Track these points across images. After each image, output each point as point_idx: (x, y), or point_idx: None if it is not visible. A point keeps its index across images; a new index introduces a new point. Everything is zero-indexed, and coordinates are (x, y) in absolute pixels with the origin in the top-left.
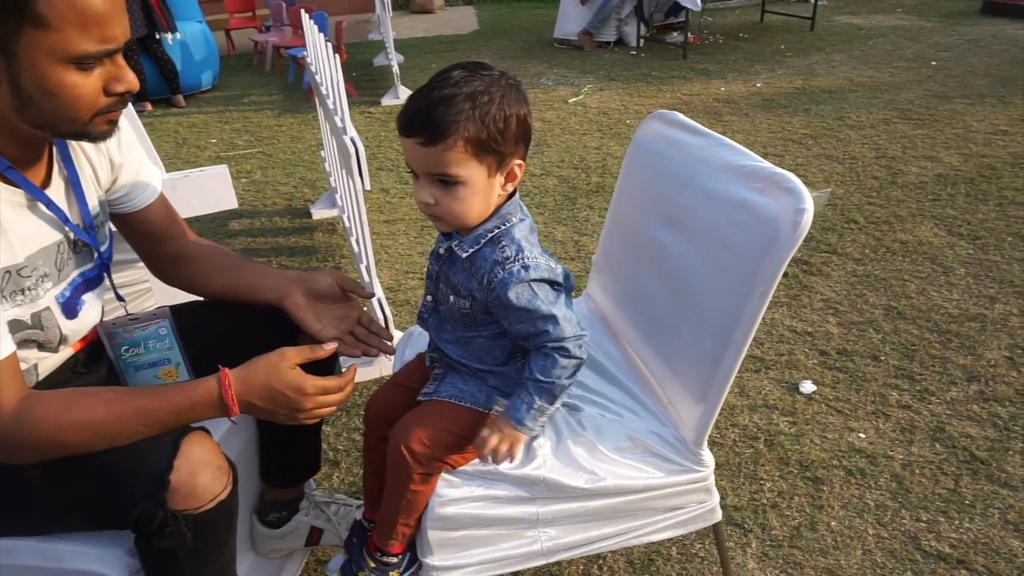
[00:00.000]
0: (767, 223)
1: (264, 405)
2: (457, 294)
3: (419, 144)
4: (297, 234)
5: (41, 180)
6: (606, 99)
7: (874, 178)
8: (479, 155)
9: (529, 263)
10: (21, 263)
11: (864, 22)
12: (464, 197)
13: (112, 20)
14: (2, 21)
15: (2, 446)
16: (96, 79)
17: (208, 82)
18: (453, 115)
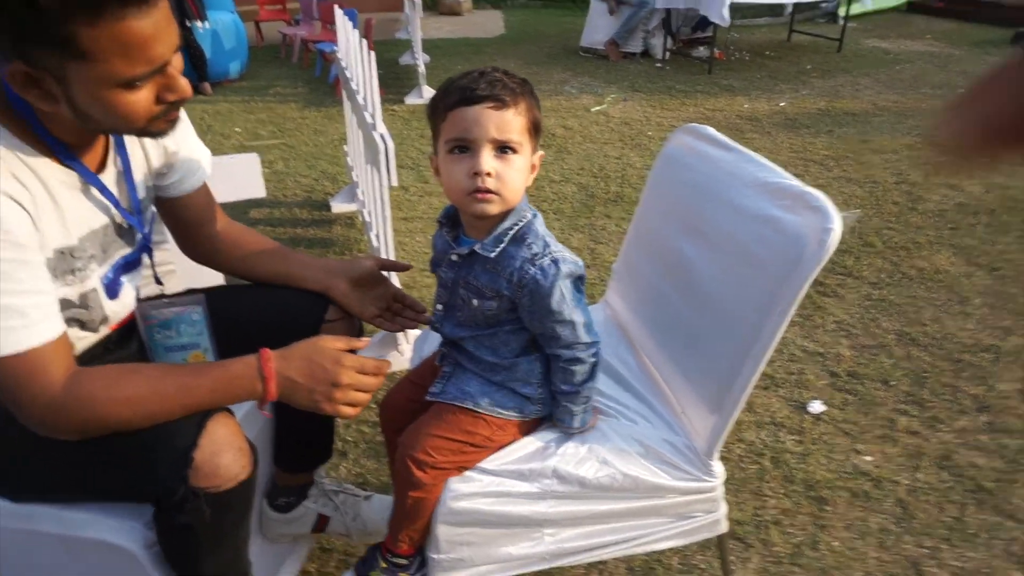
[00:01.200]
0: (793, 240)
1: (303, 380)
2: (482, 296)
3: (490, 108)
4: (316, 226)
5: (96, 165)
6: (629, 110)
7: (894, 203)
8: (530, 131)
9: (557, 256)
10: (75, 244)
11: (892, 47)
12: (520, 167)
13: (157, 41)
14: (48, 56)
15: (49, 422)
16: (148, 91)
17: (236, 72)
18: (519, 88)
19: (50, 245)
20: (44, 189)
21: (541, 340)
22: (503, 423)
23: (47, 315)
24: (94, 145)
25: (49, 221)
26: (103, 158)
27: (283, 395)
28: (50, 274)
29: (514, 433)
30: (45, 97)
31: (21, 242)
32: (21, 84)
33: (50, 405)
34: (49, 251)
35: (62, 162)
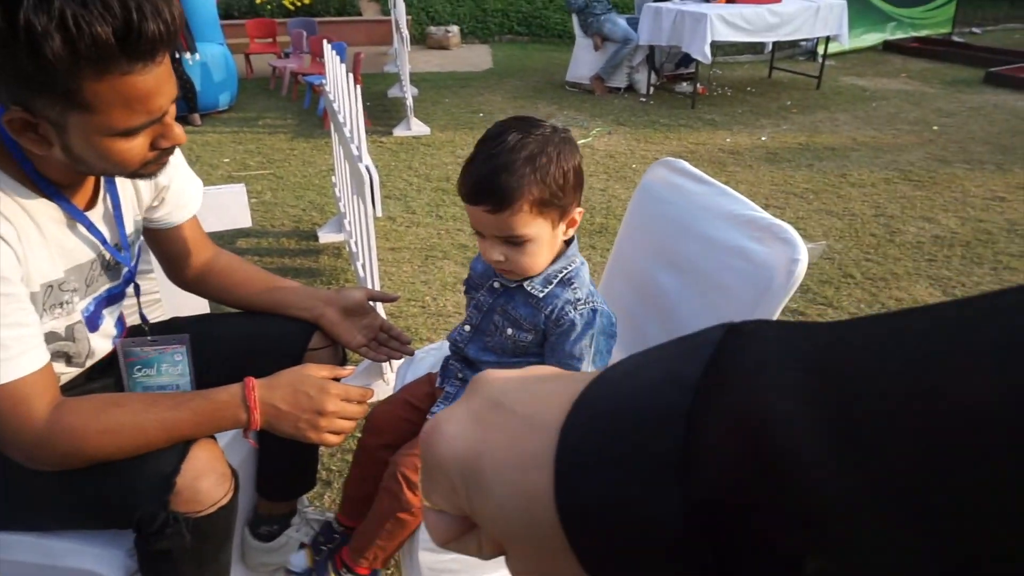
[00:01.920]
0: (762, 271)
1: (287, 408)
2: (518, 328)
3: (486, 211)
4: (303, 256)
5: (85, 203)
6: (614, 143)
7: (872, 235)
8: (544, 212)
9: (598, 308)
10: (61, 278)
11: (869, 84)
12: (533, 252)
13: (158, 93)
14: (51, 105)
15: (32, 454)
16: (144, 139)
17: (225, 103)
18: (516, 181)
19: (36, 279)
20: (32, 223)
21: None
22: None
23: (29, 347)
24: (84, 184)
25: (36, 255)
26: (93, 195)
27: (267, 423)
28: (38, 307)
29: None
30: (40, 142)
31: (4, 275)
32: (18, 129)
33: (34, 438)
34: (35, 285)
35: (51, 199)
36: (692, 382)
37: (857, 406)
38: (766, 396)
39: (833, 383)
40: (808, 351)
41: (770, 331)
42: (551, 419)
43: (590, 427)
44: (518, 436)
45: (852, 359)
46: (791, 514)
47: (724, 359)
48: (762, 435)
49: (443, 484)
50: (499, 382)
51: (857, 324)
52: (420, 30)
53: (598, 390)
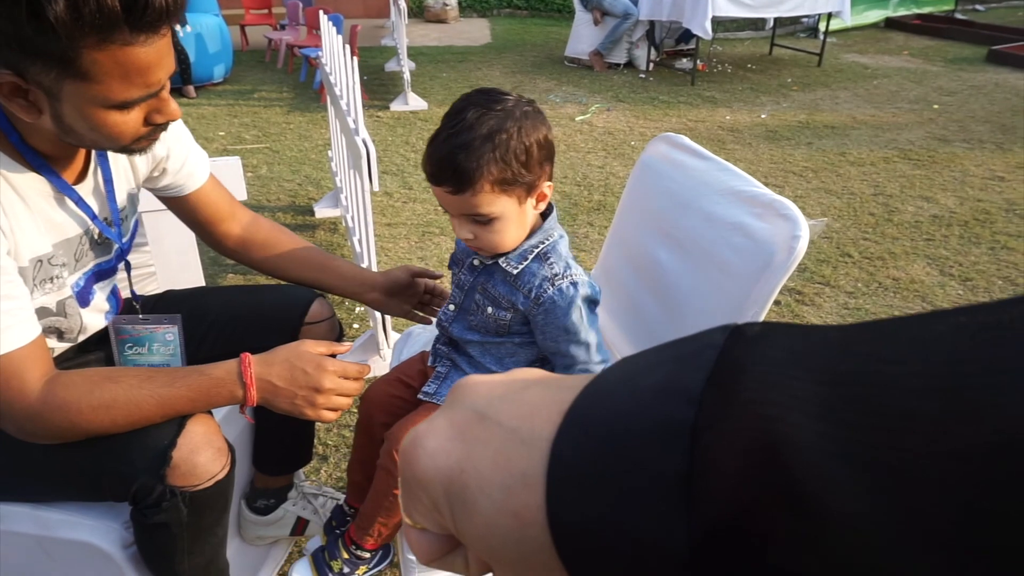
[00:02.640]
0: (763, 247)
1: (283, 385)
2: (498, 306)
3: (448, 192)
4: (299, 231)
5: (75, 176)
6: (612, 119)
7: (871, 214)
8: (507, 190)
9: (576, 279)
10: (50, 252)
11: (871, 62)
12: (500, 229)
13: (157, 67)
14: (46, 72)
15: (26, 428)
16: (138, 113)
17: (220, 75)
18: (475, 160)
19: (24, 254)
20: (18, 197)
21: (552, 359)
22: None
23: (19, 320)
24: (73, 157)
25: (23, 229)
26: (83, 169)
27: (264, 400)
28: (28, 282)
29: None
30: (29, 109)
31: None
32: (7, 94)
33: (26, 411)
34: (24, 260)
35: (38, 172)
36: (695, 393)
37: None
38: (780, 413)
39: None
40: (820, 360)
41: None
42: (540, 432)
43: (584, 441)
44: (505, 451)
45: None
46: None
47: (728, 367)
48: (779, 458)
49: (425, 502)
50: (482, 391)
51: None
52: (418, 3)
53: (591, 399)
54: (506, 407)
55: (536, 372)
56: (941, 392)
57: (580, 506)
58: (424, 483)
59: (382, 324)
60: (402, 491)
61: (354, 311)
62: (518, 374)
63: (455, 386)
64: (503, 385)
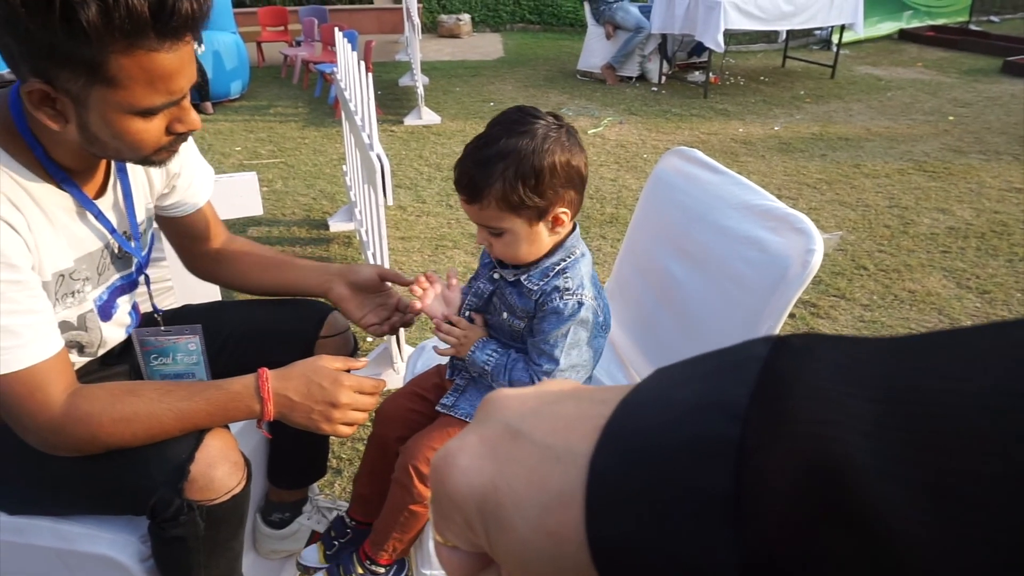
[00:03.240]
0: (778, 261)
1: (300, 399)
2: (513, 314)
3: (463, 201)
4: (314, 244)
5: (96, 191)
6: (625, 133)
7: (886, 227)
8: (514, 210)
9: (584, 301)
10: (71, 267)
11: (884, 74)
12: (510, 243)
13: (179, 74)
14: (75, 78)
15: (48, 441)
16: (160, 121)
17: (237, 91)
18: (485, 177)
19: (48, 268)
20: (41, 212)
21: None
22: None
23: (43, 334)
24: (94, 171)
25: (47, 244)
26: (103, 184)
27: (280, 414)
28: (50, 296)
29: None
30: (56, 118)
31: (14, 263)
32: (36, 102)
33: (49, 424)
34: (47, 274)
35: (60, 186)
36: (740, 408)
37: (944, 446)
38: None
39: (912, 417)
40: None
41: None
42: (576, 448)
43: (624, 458)
44: (540, 468)
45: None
46: (873, 569)
47: (776, 381)
48: (839, 479)
49: (457, 520)
50: (513, 405)
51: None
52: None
53: (629, 414)
54: (539, 422)
55: (567, 383)
56: (1002, 412)
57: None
58: (457, 501)
59: (396, 338)
60: (433, 509)
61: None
62: (549, 386)
63: (485, 400)
64: (535, 398)
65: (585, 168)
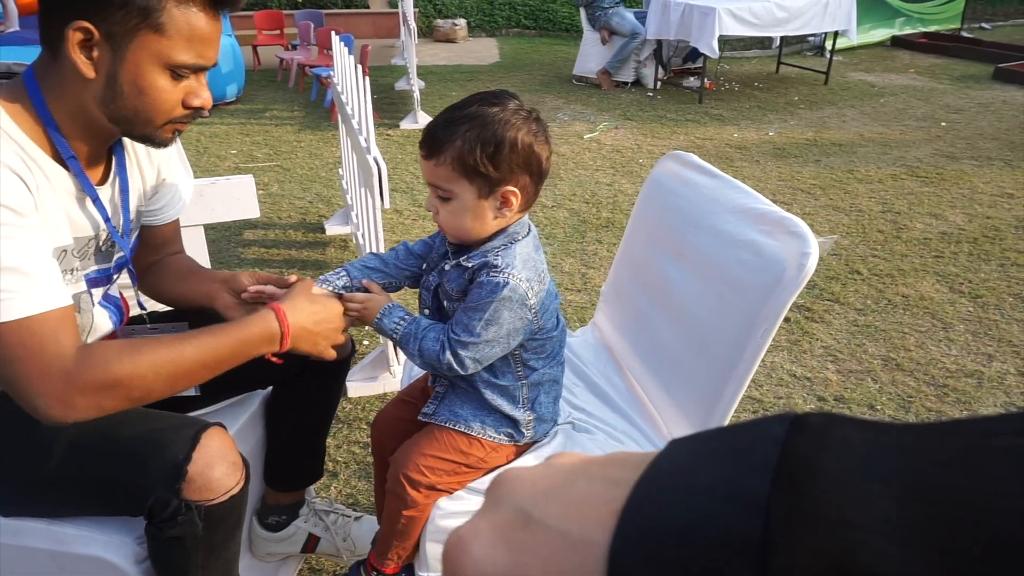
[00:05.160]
0: (773, 264)
1: (313, 325)
2: (450, 299)
3: (423, 157)
4: (310, 248)
5: (98, 179)
6: (621, 137)
7: (879, 231)
8: (467, 175)
9: (510, 280)
10: (72, 244)
11: (877, 80)
12: (454, 211)
13: (213, 43)
14: (125, 21)
15: (64, 396)
16: (180, 90)
17: (232, 94)
18: (448, 134)
19: (51, 241)
20: (50, 188)
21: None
22: (496, 446)
23: (54, 281)
24: (99, 159)
25: (50, 217)
26: (105, 173)
27: (294, 342)
28: None
29: (508, 455)
30: (89, 65)
31: (25, 212)
32: (77, 44)
33: (64, 375)
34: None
35: (65, 166)
36: (761, 499)
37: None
38: (864, 537)
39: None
40: (898, 469)
41: (844, 431)
42: (592, 536)
43: (643, 549)
44: (555, 557)
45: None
46: None
47: (796, 468)
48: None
49: None
50: (524, 487)
51: (941, 432)
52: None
53: (645, 501)
54: (552, 506)
55: (575, 457)
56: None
57: None
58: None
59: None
60: None
61: (364, 328)
62: (557, 460)
63: (494, 482)
64: (545, 478)
65: (547, 162)
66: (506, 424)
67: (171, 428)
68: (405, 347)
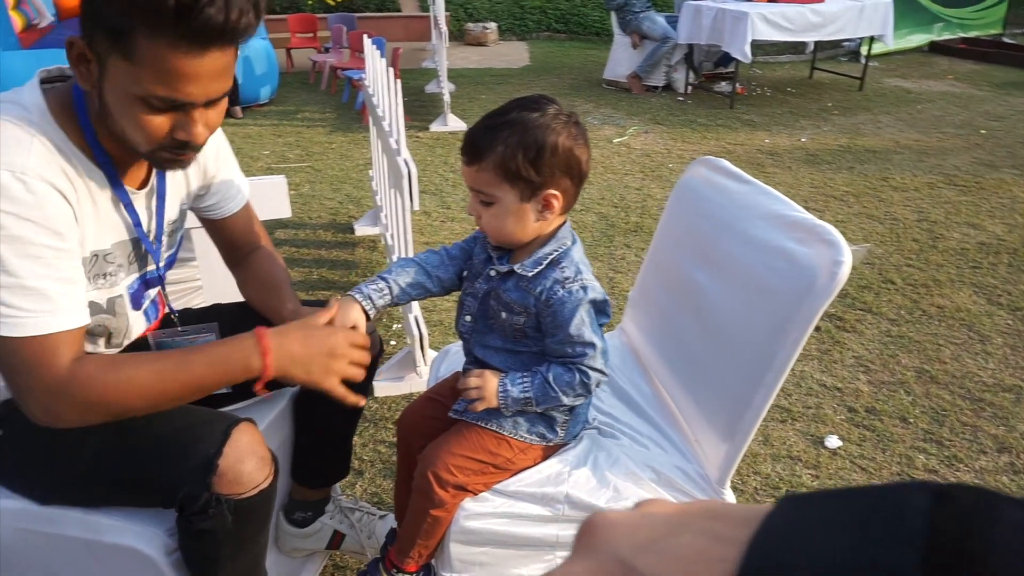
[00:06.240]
0: (805, 272)
1: (300, 351)
2: (511, 311)
3: (464, 163)
4: (339, 248)
5: (138, 183)
6: (650, 142)
7: (914, 240)
8: (509, 180)
9: (587, 284)
10: (107, 249)
11: (914, 86)
12: (497, 215)
13: (194, 81)
14: (103, 41)
15: (51, 407)
16: (165, 120)
17: (266, 96)
18: (490, 140)
19: (88, 245)
20: (88, 192)
21: (554, 359)
22: (526, 447)
23: (74, 306)
24: (135, 166)
25: (88, 222)
26: (144, 180)
27: (280, 368)
28: (85, 272)
29: (535, 457)
30: (86, 78)
31: (61, 231)
32: (74, 57)
33: (51, 388)
34: (86, 251)
35: (102, 171)
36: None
37: None
38: None
39: None
40: None
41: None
42: None
43: None
44: None
45: None
46: None
47: (952, 551)
48: None
49: None
50: (622, 535)
51: None
52: (458, 26)
53: (766, 563)
54: (655, 560)
55: (669, 507)
56: None
57: None
58: None
59: (419, 341)
60: None
61: (391, 328)
62: (650, 508)
63: (586, 525)
64: (645, 527)
65: (586, 165)
66: (540, 423)
67: (203, 423)
68: (543, 403)
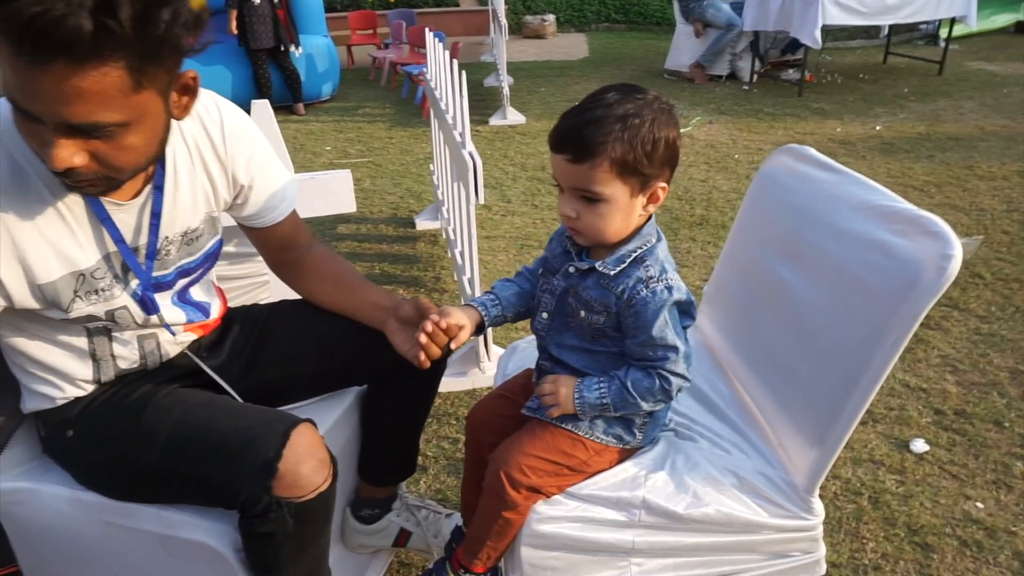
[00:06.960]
0: (907, 267)
1: None
2: (590, 310)
3: (567, 160)
4: (400, 242)
5: (127, 195)
6: (715, 132)
7: (1004, 232)
8: (623, 175)
9: (672, 284)
10: (93, 266)
11: (999, 69)
12: (605, 213)
13: (37, 97)
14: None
15: None
16: (36, 130)
17: (327, 93)
18: (602, 136)
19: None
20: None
21: (635, 361)
22: (601, 448)
23: None
24: None
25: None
26: (139, 189)
27: None
28: (69, 293)
29: (611, 460)
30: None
31: None
32: None
33: None
34: (54, 274)
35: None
36: None
37: None
38: None
39: None
40: None
41: None
42: None
43: None
44: None
45: None
46: None
47: None
48: None
49: None
50: None
51: None
52: (516, 19)
53: None
54: None
55: None
56: None
57: None
58: None
59: (483, 338)
60: None
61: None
62: None
63: None
64: None
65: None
66: (618, 425)
67: (262, 424)
68: (622, 407)
